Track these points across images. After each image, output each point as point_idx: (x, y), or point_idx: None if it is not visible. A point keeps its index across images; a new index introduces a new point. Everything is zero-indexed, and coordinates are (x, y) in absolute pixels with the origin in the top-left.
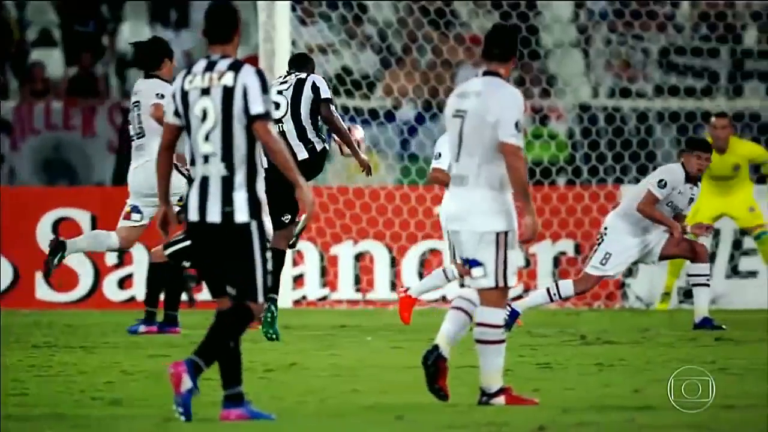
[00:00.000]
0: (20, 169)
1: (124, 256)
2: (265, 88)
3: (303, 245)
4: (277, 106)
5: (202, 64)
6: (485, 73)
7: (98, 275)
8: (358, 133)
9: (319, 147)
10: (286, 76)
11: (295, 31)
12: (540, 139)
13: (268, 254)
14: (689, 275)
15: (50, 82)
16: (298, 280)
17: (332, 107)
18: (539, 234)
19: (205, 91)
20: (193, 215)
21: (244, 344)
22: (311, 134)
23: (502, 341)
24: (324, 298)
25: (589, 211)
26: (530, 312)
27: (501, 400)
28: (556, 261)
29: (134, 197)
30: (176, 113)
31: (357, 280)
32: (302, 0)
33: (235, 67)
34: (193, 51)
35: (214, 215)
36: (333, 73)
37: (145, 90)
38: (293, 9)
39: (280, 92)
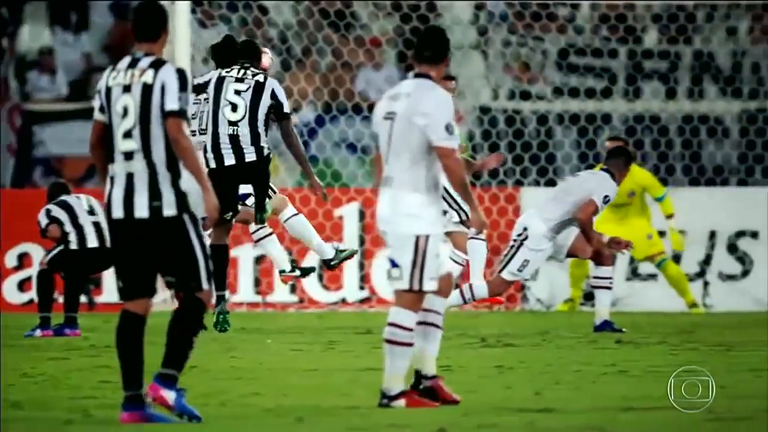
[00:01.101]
0: None
1: (23, 258)
2: (183, 87)
3: None
4: (234, 107)
5: (126, 61)
6: (416, 75)
7: None
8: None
9: (266, 152)
10: (240, 71)
11: (195, 34)
12: None
13: (206, 241)
14: (592, 278)
15: None
16: None
17: (292, 123)
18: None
19: (127, 88)
20: (118, 212)
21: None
22: (263, 139)
23: (409, 344)
24: None
25: (489, 213)
26: None
27: (402, 402)
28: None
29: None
30: (101, 109)
31: (257, 283)
32: (202, 2)
33: (157, 65)
34: (92, 53)
35: (141, 211)
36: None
37: None
38: (193, 11)
39: (238, 92)
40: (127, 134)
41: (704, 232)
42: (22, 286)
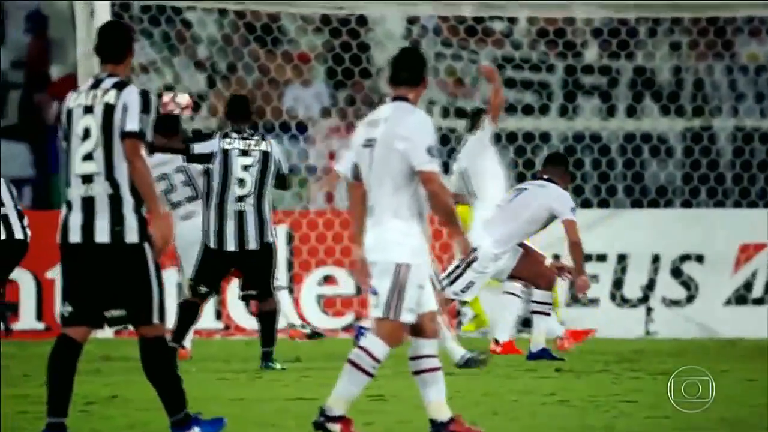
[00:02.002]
0: None
1: None
2: (145, 108)
3: None
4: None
5: (89, 82)
6: (394, 99)
7: None
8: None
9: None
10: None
11: None
12: None
13: (162, 274)
14: (531, 302)
15: None
16: None
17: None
18: None
19: (88, 109)
20: (75, 237)
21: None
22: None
23: (370, 374)
24: None
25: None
26: None
27: (337, 428)
28: None
29: None
30: (65, 137)
31: None
32: (122, 16)
33: (120, 85)
34: (7, 71)
35: (102, 236)
36: (155, 93)
37: None
38: None
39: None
40: (88, 156)
41: (647, 256)
42: None
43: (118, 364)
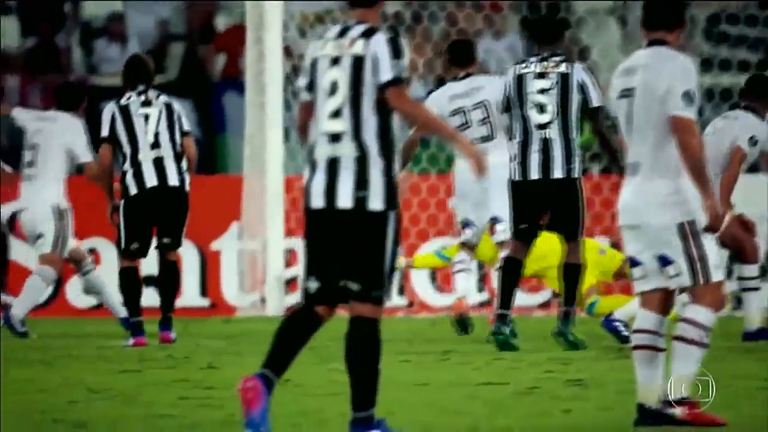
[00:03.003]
0: None
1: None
2: (397, 53)
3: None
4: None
5: (335, 30)
6: (650, 44)
7: (60, 278)
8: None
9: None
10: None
11: None
12: None
13: (398, 250)
14: (739, 278)
15: (3, 55)
16: (292, 283)
17: None
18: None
19: (335, 61)
20: (318, 201)
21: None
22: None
23: (703, 345)
24: None
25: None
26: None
27: (678, 411)
28: None
29: None
30: (309, 87)
31: None
32: None
33: (368, 33)
34: (169, 20)
35: (345, 201)
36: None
37: None
38: None
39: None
40: (335, 113)
41: None
42: None
43: None
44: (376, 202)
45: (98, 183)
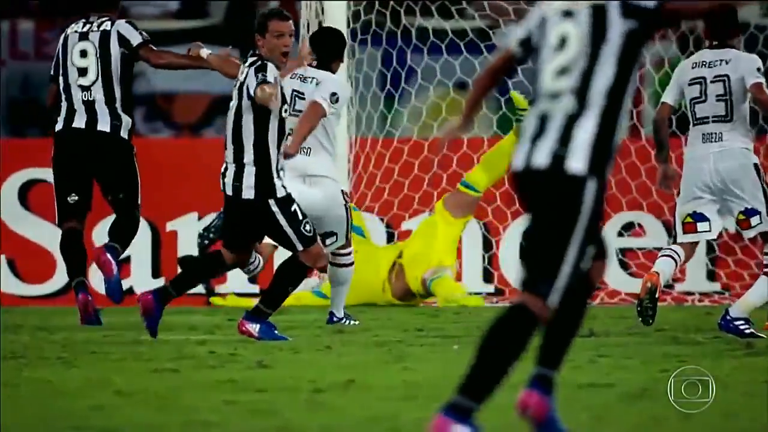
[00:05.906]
0: None
1: None
2: None
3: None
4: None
5: None
6: None
7: None
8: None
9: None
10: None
11: None
12: None
13: (597, 222)
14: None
15: None
16: None
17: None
18: None
19: (568, 14)
20: (519, 162)
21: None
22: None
23: None
24: None
25: None
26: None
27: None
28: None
29: None
30: (523, 42)
31: None
32: None
33: None
34: None
35: (542, 159)
36: None
37: None
38: None
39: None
40: (563, 71)
41: None
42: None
43: (354, 338)
44: (576, 162)
45: None
